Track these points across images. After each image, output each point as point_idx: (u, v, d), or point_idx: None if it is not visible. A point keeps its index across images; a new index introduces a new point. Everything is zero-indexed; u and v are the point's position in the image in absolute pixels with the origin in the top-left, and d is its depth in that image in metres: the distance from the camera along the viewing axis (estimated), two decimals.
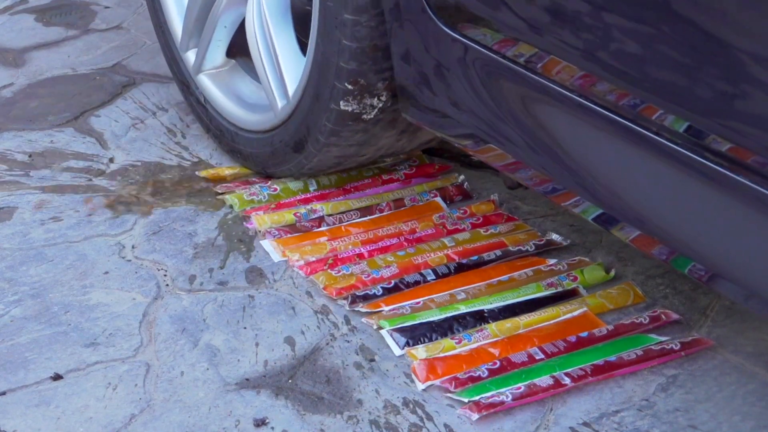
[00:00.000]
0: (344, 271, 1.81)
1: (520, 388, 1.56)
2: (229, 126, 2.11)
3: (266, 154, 2.03)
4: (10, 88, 2.52)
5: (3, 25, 2.86)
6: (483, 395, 1.55)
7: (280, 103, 1.94)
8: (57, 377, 1.61)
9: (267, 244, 1.91)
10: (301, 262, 1.85)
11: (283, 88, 1.93)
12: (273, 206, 2.01)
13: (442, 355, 1.63)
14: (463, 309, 1.73)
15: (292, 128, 1.93)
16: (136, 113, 2.38)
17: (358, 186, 2.07)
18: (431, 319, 1.70)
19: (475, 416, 1.52)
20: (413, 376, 1.60)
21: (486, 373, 1.59)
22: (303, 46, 1.91)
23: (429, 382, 1.58)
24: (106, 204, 2.04)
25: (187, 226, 1.98)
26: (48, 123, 2.35)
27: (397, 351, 1.65)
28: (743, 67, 1.18)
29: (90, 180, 2.13)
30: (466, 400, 1.55)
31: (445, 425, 1.52)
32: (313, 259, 1.86)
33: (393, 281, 1.80)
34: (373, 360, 1.64)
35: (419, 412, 1.54)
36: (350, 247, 1.89)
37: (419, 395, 1.57)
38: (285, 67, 1.91)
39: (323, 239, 1.91)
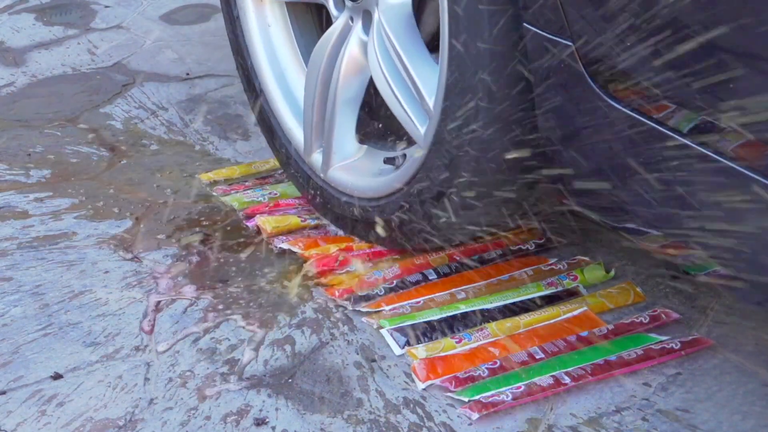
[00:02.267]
0: (348, 271, 1.82)
1: (520, 387, 1.56)
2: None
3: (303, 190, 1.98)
4: (10, 87, 2.52)
5: (3, 24, 2.86)
6: (483, 394, 1.55)
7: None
8: (57, 377, 1.61)
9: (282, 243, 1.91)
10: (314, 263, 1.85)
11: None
12: (272, 206, 2.01)
13: (442, 354, 1.63)
14: (463, 308, 1.73)
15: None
16: (136, 112, 2.38)
17: None
18: (431, 318, 1.70)
19: (475, 415, 1.52)
20: (413, 376, 1.60)
21: (486, 372, 1.59)
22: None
23: (429, 382, 1.58)
24: (106, 203, 2.04)
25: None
26: (48, 122, 2.35)
27: (398, 350, 1.65)
28: None
29: (90, 179, 2.13)
30: (466, 400, 1.55)
31: (445, 425, 1.52)
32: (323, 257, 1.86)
33: (395, 281, 1.80)
34: (373, 359, 1.64)
35: (419, 411, 1.54)
36: (356, 248, 1.89)
37: (419, 395, 1.57)
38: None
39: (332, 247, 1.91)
